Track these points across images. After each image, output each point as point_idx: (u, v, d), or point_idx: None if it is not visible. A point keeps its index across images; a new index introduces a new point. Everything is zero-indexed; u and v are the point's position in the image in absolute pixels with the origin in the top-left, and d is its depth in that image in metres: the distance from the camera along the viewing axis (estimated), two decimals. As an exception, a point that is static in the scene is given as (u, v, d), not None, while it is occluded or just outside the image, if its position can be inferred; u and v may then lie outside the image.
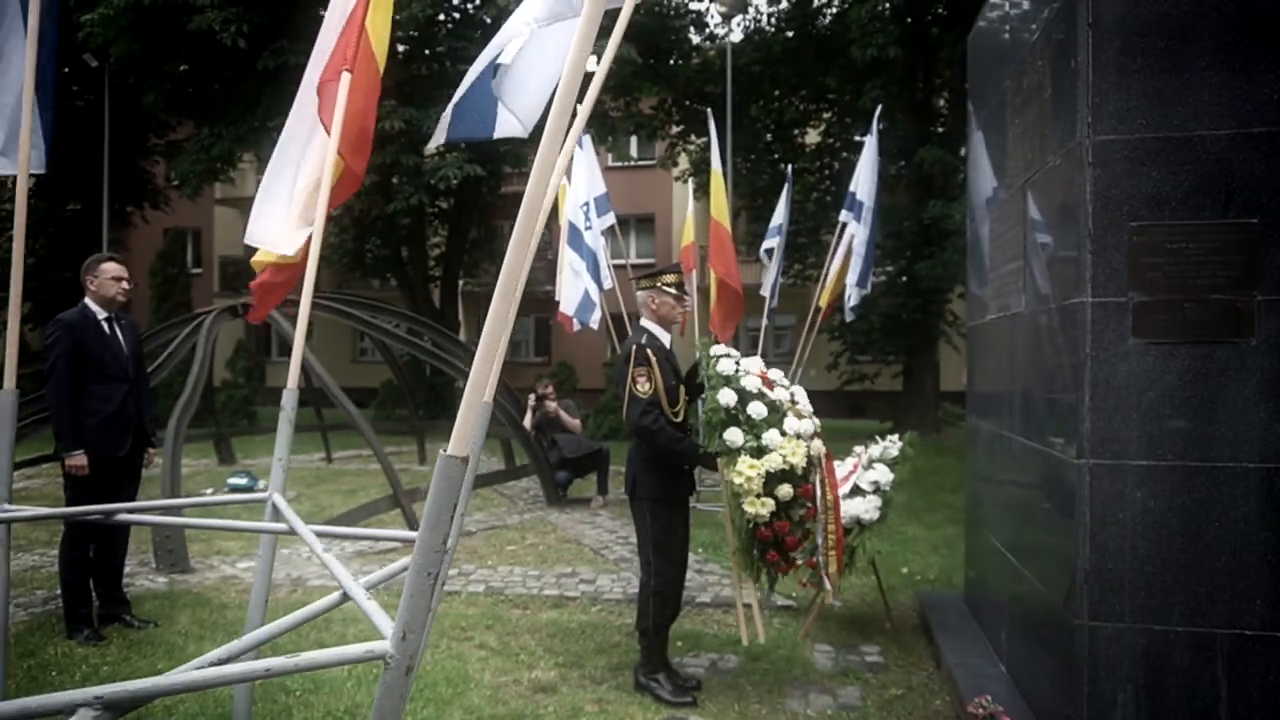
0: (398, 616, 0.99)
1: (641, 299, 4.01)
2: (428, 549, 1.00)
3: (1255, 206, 2.72)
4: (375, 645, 1.00)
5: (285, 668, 0.97)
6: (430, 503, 1.00)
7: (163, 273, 18.63)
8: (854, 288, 7.66)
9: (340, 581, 1.27)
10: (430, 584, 1.01)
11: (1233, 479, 2.70)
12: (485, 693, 3.82)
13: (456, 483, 1.00)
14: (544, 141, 1.13)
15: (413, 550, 1.01)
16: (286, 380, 2.11)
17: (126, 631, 4.57)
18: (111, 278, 4.53)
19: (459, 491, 1.00)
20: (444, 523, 1.00)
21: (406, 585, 1.02)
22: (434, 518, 0.99)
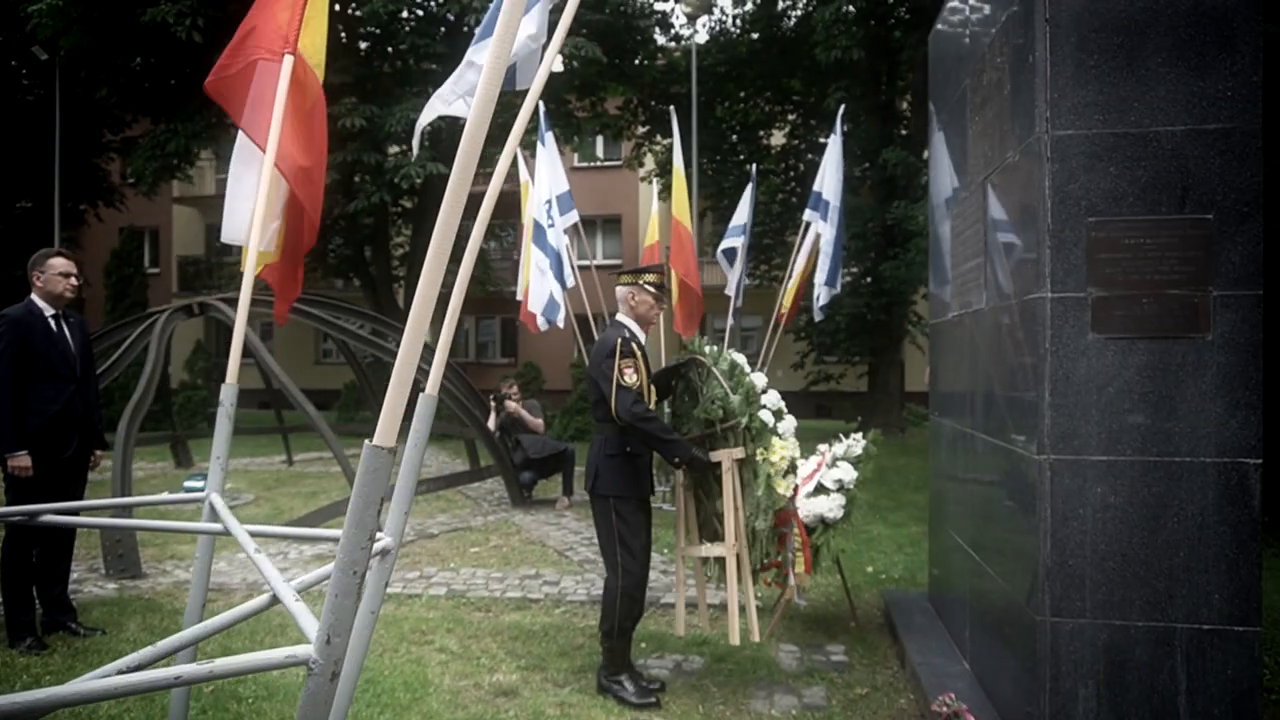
0: (322, 618, 0.93)
1: (621, 295, 3.95)
2: (353, 546, 0.94)
3: (1210, 202, 2.74)
4: (298, 650, 0.93)
5: (197, 675, 0.90)
6: (355, 496, 0.94)
7: (118, 272, 18.18)
8: (823, 287, 7.64)
9: (270, 583, 1.20)
10: (356, 583, 0.95)
11: (1190, 474, 2.71)
12: (444, 697, 3.74)
13: (383, 475, 0.94)
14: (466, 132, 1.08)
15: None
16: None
17: (72, 640, 4.42)
18: (59, 273, 4.39)
19: (384, 484, 0.94)
20: (370, 518, 0.93)
21: (331, 585, 0.95)
22: (359, 512, 0.93)
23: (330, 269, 18.01)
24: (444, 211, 0.97)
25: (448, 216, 0.96)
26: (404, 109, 13.20)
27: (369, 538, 0.94)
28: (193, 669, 0.90)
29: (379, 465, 0.93)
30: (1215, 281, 2.72)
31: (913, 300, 14.63)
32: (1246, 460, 2.67)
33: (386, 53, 14.95)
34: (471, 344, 24.67)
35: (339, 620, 0.92)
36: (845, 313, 14.42)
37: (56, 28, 13.00)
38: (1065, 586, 2.78)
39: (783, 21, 16.46)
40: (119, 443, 5.90)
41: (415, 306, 0.99)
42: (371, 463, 0.93)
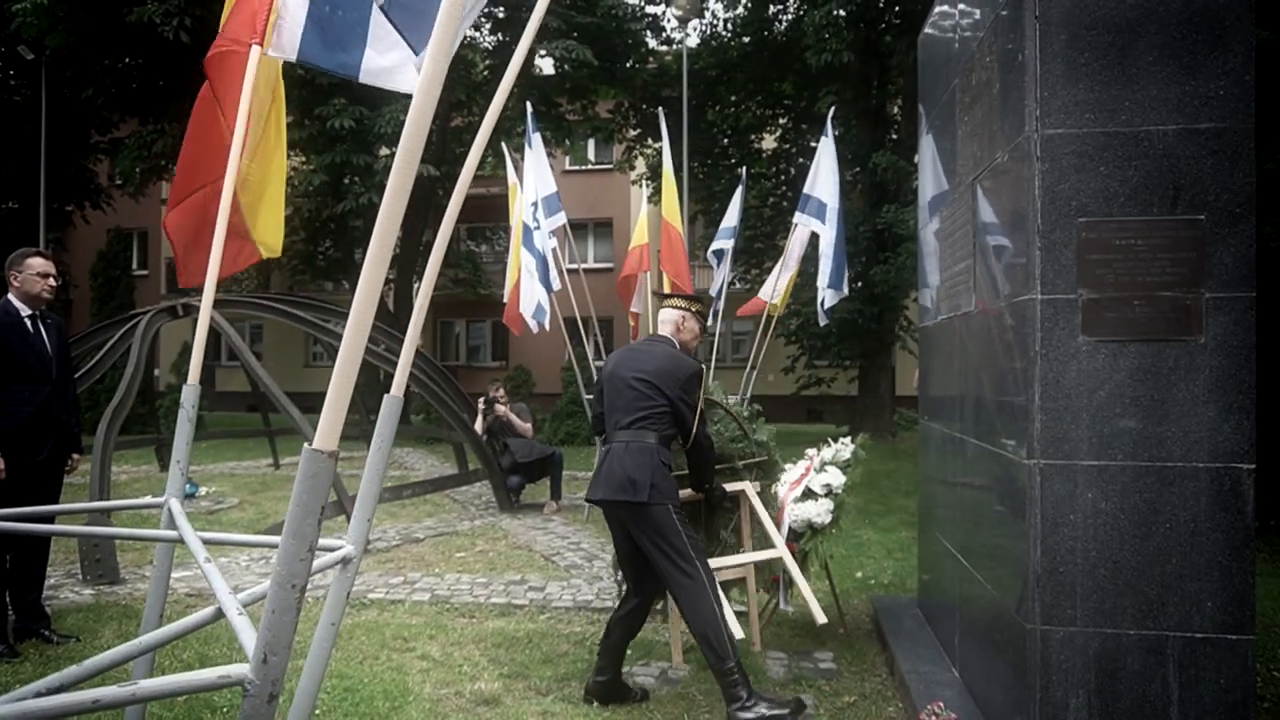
0: (258, 635, 0.86)
1: (672, 318, 3.86)
2: (291, 558, 0.87)
3: (1202, 203, 2.69)
4: (232, 669, 0.87)
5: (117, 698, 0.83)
6: (294, 504, 0.87)
7: (105, 274, 18.04)
8: (826, 290, 7.56)
9: (217, 594, 1.13)
10: (296, 596, 0.88)
11: (1182, 479, 2.66)
12: (424, 706, 3.66)
13: (322, 481, 0.87)
14: (409, 122, 1.02)
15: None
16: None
17: (45, 648, 4.32)
18: (37, 274, 4.30)
19: (325, 492, 0.88)
20: (309, 527, 0.87)
21: (268, 599, 0.89)
22: (298, 521, 0.87)
23: (319, 271, 17.89)
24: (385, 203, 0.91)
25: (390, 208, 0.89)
26: (393, 110, 13.13)
27: (308, 549, 0.87)
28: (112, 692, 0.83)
29: (319, 470, 0.87)
30: (1207, 283, 2.67)
31: (904, 304, 14.61)
32: (1239, 465, 2.62)
33: (376, 54, 14.85)
34: (462, 347, 24.57)
35: (277, 638, 0.86)
36: (836, 316, 14.37)
37: (42, 27, 12.89)
38: (1056, 594, 2.72)
39: (774, 25, 16.44)
40: (98, 446, 5.81)
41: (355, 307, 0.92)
42: (310, 468, 0.87)
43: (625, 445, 3.55)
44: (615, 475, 3.51)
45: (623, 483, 3.47)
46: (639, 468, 3.48)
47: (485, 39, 16.53)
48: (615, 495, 3.50)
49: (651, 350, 3.75)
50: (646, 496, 3.45)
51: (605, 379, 3.77)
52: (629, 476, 3.47)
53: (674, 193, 7.73)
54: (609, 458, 3.60)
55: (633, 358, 3.74)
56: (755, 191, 16.44)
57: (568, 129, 16.63)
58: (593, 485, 3.66)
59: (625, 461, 3.51)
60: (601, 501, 3.60)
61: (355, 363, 0.91)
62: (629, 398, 3.62)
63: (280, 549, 0.88)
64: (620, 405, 3.64)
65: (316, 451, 0.88)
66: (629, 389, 3.63)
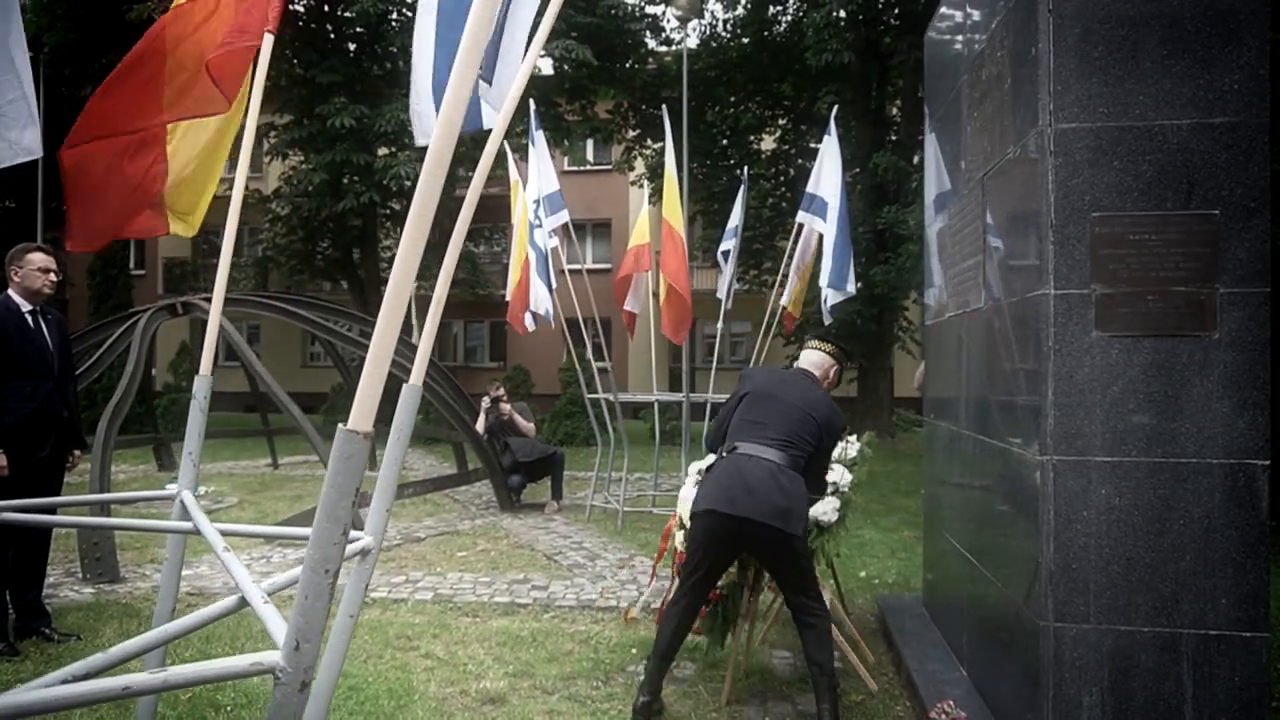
0: (290, 622, 0.84)
1: (823, 366, 3.83)
2: (325, 541, 0.85)
3: (1216, 198, 2.68)
4: (264, 657, 0.84)
5: (149, 685, 0.81)
6: (328, 486, 0.85)
7: (102, 273, 17.95)
8: (828, 289, 7.50)
9: (240, 585, 1.11)
10: (329, 582, 0.86)
11: (1196, 475, 2.64)
12: (430, 705, 3.63)
13: (358, 462, 0.85)
14: (440, 119, 1.00)
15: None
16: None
17: (45, 646, 4.29)
18: (37, 269, 4.27)
19: (360, 472, 0.86)
20: (343, 510, 0.85)
21: (300, 585, 0.86)
22: (332, 504, 0.85)
23: (318, 271, 17.84)
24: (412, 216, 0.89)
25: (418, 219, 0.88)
26: (393, 109, 13.10)
27: (343, 533, 0.85)
28: (143, 678, 0.81)
29: (354, 451, 0.85)
30: (1222, 279, 2.65)
31: (903, 305, 14.60)
32: (1254, 461, 2.61)
33: (375, 53, 14.86)
34: (460, 347, 24.52)
35: (309, 624, 0.84)
36: (835, 318, 14.36)
37: (41, 24, 12.86)
38: (1069, 591, 2.71)
39: (773, 26, 16.43)
40: (98, 443, 5.77)
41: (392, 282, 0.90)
42: (346, 448, 0.85)
43: (778, 467, 3.36)
44: (766, 498, 3.29)
45: (779, 510, 3.27)
46: (795, 497, 3.33)
47: (484, 39, 16.47)
48: (768, 519, 3.27)
49: (810, 385, 3.68)
50: (801, 530, 3.37)
51: (752, 393, 3.62)
52: (785, 505, 3.28)
53: (675, 194, 7.66)
54: (746, 471, 3.37)
55: (791, 383, 3.65)
56: (755, 192, 16.41)
57: (567, 129, 16.60)
58: (723, 497, 3.34)
59: (777, 485, 3.31)
60: (742, 521, 3.29)
61: (391, 343, 0.89)
62: (785, 422, 3.48)
63: (314, 532, 0.86)
64: (772, 424, 3.48)
65: (351, 432, 0.86)
66: (789, 414, 3.50)
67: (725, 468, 3.45)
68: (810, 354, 3.90)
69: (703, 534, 3.45)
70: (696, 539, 3.49)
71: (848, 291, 7.42)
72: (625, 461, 7.94)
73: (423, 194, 0.95)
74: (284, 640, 0.85)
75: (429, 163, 0.97)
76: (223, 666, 0.85)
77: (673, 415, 12.82)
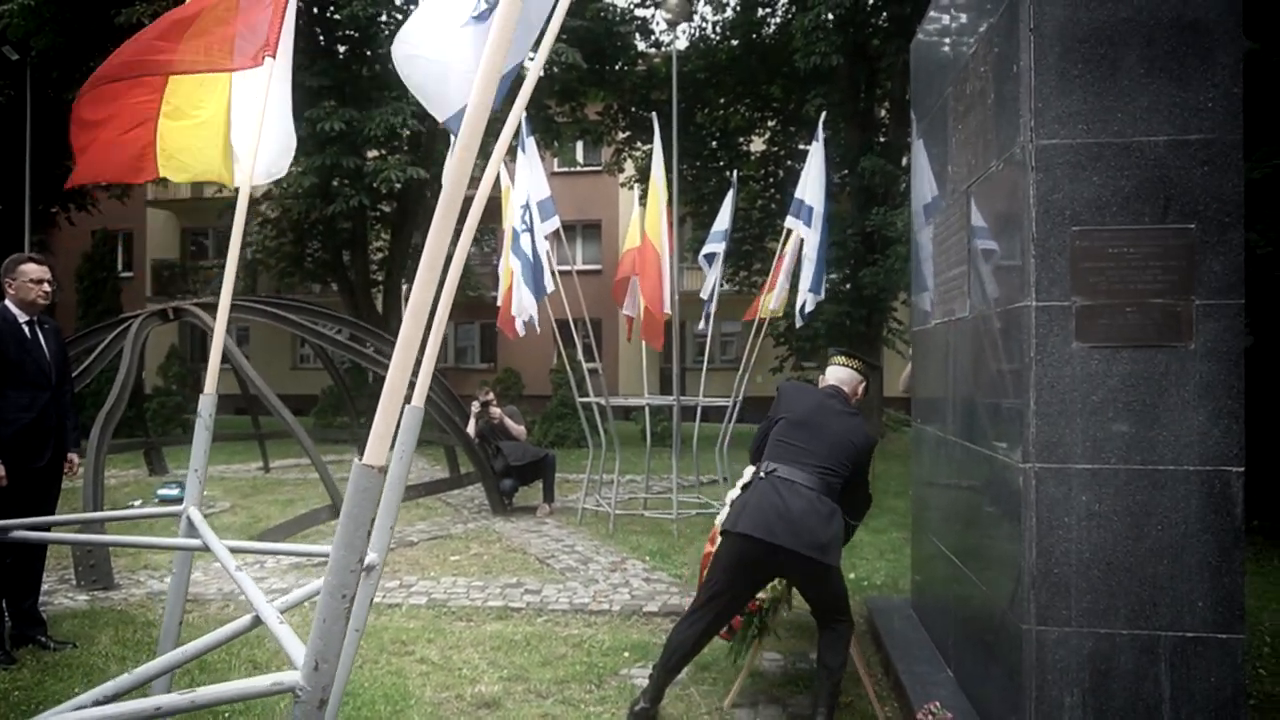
0: (309, 643, 0.90)
1: (851, 383, 3.84)
2: (342, 568, 0.90)
3: (1192, 212, 2.76)
4: (284, 676, 0.90)
5: (178, 705, 0.86)
6: (345, 517, 0.90)
7: (90, 276, 17.86)
8: (808, 293, 7.63)
9: (253, 603, 1.16)
10: (345, 607, 0.91)
11: (1173, 482, 2.72)
12: (425, 710, 3.68)
13: (373, 495, 0.91)
14: (461, 136, 1.05)
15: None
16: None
17: (41, 654, 4.31)
18: (31, 280, 4.29)
19: (375, 504, 0.91)
20: (360, 539, 0.90)
21: (319, 608, 0.92)
22: (349, 534, 0.90)
23: (308, 273, 17.82)
24: (432, 237, 0.94)
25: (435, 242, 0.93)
26: (383, 113, 13.12)
27: (359, 560, 0.91)
28: (173, 699, 0.86)
29: (370, 485, 0.90)
30: (1198, 291, 2.73)
31: (892, 307, 14.70)
32: (1229, 468, 2.69)
33: (365, 56, 14.85)
34: (450, 349, 24.52)
35: (327, 645, 0.89)
36: (824, 319, 14.46)
37: (29, 28, 12.80)
38: (1050, 595, 2.78)
39: (762, 28, 16.51)
40: (91, 450, 5.79)
41: (405, 325, 0.96)
42: (362, 482, 0.90)
43: (818, 497, 3.41)
44: (802, 527, 3.32)
45: (818, 543, 3.32)
46: (833, 528, 3.38)
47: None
48: (804, 550, 3.31)
49: (846, 410, 3.72)
50: (835, 561, 3.43)
51: (791, 416, 3.65)
52: (824, 540, 3.33)
53: (658, 206, 7.61)
54: (787, 499, 3.39)
55: (832, 412, 3.67)
56: (744, 194, 16.49)
57: (556, 131, 16.64)
58: (761, 523, 3.35)
59: (817, 516, 3.36)
60: (776, 549, 3.33)
61: (404, 383, 0.95)
62: (825, 451, 3.52)
63: (331, 560, 0.91)
64: (813, 451, 3.52)
65: (367, 467, 0.91)
66: (829, 442, 3.54)
67: (765, 491, 3.46)
68: (838, 370, 3.91)
69: (734, 557, 3.46)
70: (725, 561, 3.50)
71: (820, 296, 7.58)
72: (617, 464, 8.00)
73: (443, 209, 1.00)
74: (303, 660, 0.90)
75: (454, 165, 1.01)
76: (246, 686, 0.91)
77: (664, 417, 12.89)
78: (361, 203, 13.95)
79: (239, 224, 2.04)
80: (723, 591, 3.51)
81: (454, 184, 0.98)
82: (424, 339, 2.09)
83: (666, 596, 5.41)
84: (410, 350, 0.94)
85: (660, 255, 7.45)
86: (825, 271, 7.71)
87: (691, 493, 8.97)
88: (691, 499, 8.59)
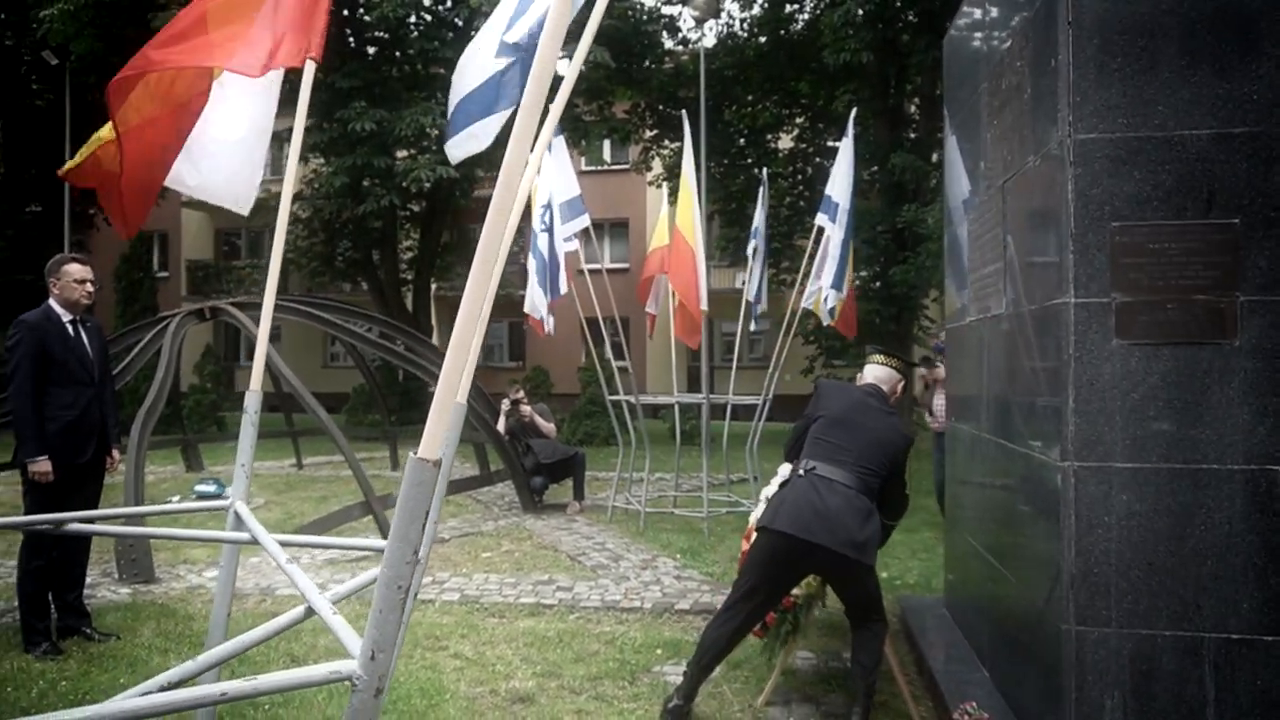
0: (365, 633, 0.92)
1: (890, 381, 3.82)
2: (398, 560, 0.92)
3: (1236, 207, 2.71)
4: (341, 665, 0.92)
5: (243, 691, 0.89)
6: (400, 510, 0.92)
7: (128, 276, 18.22)
8: (829, 290, 7.61)
9: (305, 595, 1.18)
10: (401, 598, 0.93)
11: (1217, 481, 2.68)
12: (461, 704, 3.72)
13: (428, 488, 0.92)
14: (513, 139, 1.07)
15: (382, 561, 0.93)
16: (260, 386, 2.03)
17: (87, 645, 4.41)
18: (75, 280, 4.39)
19: (430, 498, 0.93)
20: (415, 532, 0.92)
21: (375, 599, 0.94)
22: (404, 526, 0.92)
23: (338, 272, 18.04)
24: (483, 244, 0.96)
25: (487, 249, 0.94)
26: (413, 113, 13.23)
27: (414, 552, 0.92)
28: (238, 685, 0.89)
29: (424, 479, 0.92)
30: (1242, 287, 2.69)
31: (923, 304, 14.58)
32: (1275, 467, 2.64)
33: (395, 57, 15.00)
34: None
35: (383, 635, 0.91)
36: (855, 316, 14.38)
37: (68, 33, 13.07)
38: (1090, 595, 2.75)
39: (790, 25, 16.44)
40: (131, 447, 5.91)
41: (459, 326, 0.97)
42: (416, 476, 0.92)
43: (855, 494, 3.40)
44: (842, 526, 3.31)
45: (852, 540, 3.30)
46: (870, 527, 3.37)
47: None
48: (841, 549, 3.30)
49: (884, 410, 3.70)
50: (871, 560, 3.42)
51: (830, 414, 3.63)
52: (857, 538, 3.32)
53: (690, 202, 7.61)
54: (825, 496, 3.38)
55: (868, 408, 3.66)
56: (772, 191, 16.44)
57: (584, 129, 16.69)
58: (798, 521, 3.35)
59: (854, 514, 3.35)
60: (814, 546, 3.32)
61: (459, 379, 0.96)
62: (862, 449, 3.50)
63: (387, 552, 0.93)
64: (850, 449, 3.50)
65: (422, 460, 0.93)
66: (866, 441, 3.52)
67: (803, 488, 3.44)
68: (877, 369, 3.88)
69: (769, 554, 3.46)
70: (761, 557, 3.49)
71: (841, 294, 7.57)
72: (647, 462, 8.01)
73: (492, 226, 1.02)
74: (360, 650, 0.92)
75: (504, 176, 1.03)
76: (303, 675, 0.93)
77: (693, 415, 12.89)
78: (392, 202, 14.10)
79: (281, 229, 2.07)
80: (757, 588, 3.50)
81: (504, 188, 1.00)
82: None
83: (698, 594, 5.41)
84: (464, 350, 0.96)
85: (695, 252, 7.45)
86: (846, 269, 7.68)
87: (721, 491, 8.96)
88: (721, 497, 8.59)
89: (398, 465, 11.28)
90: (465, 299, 0.94)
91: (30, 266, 17.97)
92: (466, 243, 20.30)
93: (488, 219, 1.00)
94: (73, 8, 12.40)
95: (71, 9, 12.44)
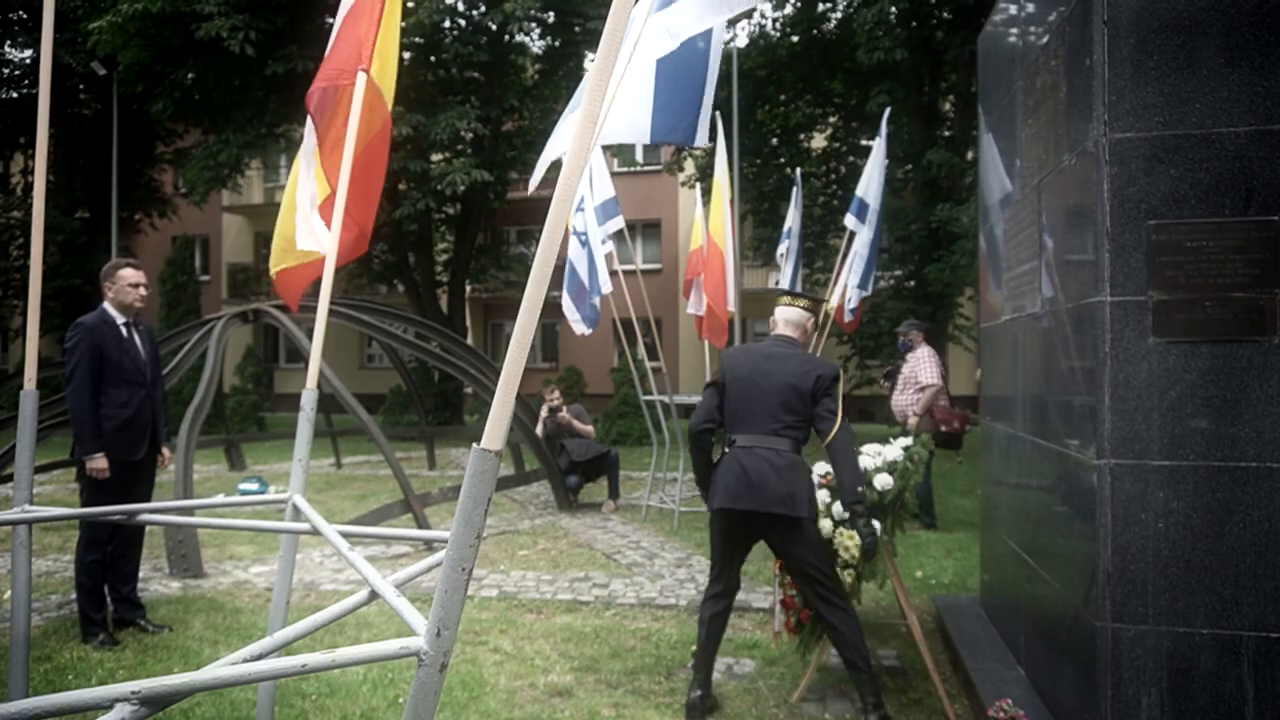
0: (432, 612, 0.99)
1: (797, 319, 3.78)
2: (462, 543, 0.99)
3: (1275, 204, 2.70)
4: (410, 641, 0.99)
5: (322, 663, 0.96)
6: (464, 496, 0.99)
7: (172, 280, 18.73)
8: (854, 289, 7.63)
9: (369, 580, 1.26)
10: (465, 579, 1.00)
11: (1256, 479, 2.67)
12: (501, 697, 3.80)
13: (490, 477, 0.99)
14: (573, 143, 1.13)
15: (429, 552, 1.00)
16: (298, 385, 2.11)
17: (141, 636, 4.57)
18: (129, 284, 4.55)
19: (492, 485, 1.00)
20: (478, 517, 0.99)
21: (440, 580, 1.01)
22: (468, 511, 0.99)
23: (375, 275, 18.33)
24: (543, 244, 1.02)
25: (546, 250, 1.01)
26: (449, 117, 13.41)
27: (477, 536, 0.99)
28: (317, 657, 0.96)
29: (487, 468, 0.99)
30: (1282, 284, 2.67)
31: (958, 303, 14.47)
32: (1315, 465, 2.63)
33: (430, 62, 15.19)
34: (513, 348, 24.86)
35: (448, 614, 0.98)
36: (888, 315, 14.32)
37: (115, 44, 13.43)
38: (1127, 593, 2.75)
39: (823, 24, 16.39)
40: (180, 446, 6.09)
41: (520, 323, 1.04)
42: (480, 464, 0.99)
43: (774, 453, 3.46)
44: (766, 486, 3.40)
45: (781, 496, 3.39)
46: (795, 482, 3.43)
47: (535, 44, 16.78)
48: (772, 508, 3.40)
49: (789, 354, 3.65)
50: (806, 512, 3.44)
51: (734, 383, 3.63)
52: (786, 491, 3.39)
53: (722, 206, 7.63)
54: (746, 465, 3.46)
55: (770, 361, 3.62)
56: (805, 191, 16.42)
57: (618, 131, 16.77)
58: (729, 494, 3.47)
59: (775, 472, 3.42)
60: (750, 514, 3.44)
61: (518, 372, 1.03)
62: (772, 405, 3.52)
63: (452, 536, 1.00)
64: (759, 410, 3.54)
65: (485, 450, 1.00)
66: (774, 395, 3.53)
67: (729, 464, 3.55)
68: (786, 311, 3.83)
69: (718, 531, 3.69)
70: (716, 537, 3.72)
71: (867, 292, 7.60)
72: (681, 461, 8.06)
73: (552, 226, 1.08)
74: (426, 628, 0.99)
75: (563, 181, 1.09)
76: (377, 649, 1.00)
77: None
78: (428, 205, 14.29)
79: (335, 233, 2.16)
80: (720, 565, 3.72)
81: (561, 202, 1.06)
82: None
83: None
84: (523, 347, 1.03)
85: (725, 255, 7.49)
86: (875, 269, 7.72)
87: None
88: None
89: (434, 465, 11.45)
90: (526, 298, 1.01)
91: (78, 272, 18.50)
92: (500, 245, 20.50)
93: (548, 223, 1.07)
94: (120, 20, 12.76)
95: (119, 21, 12.80)
